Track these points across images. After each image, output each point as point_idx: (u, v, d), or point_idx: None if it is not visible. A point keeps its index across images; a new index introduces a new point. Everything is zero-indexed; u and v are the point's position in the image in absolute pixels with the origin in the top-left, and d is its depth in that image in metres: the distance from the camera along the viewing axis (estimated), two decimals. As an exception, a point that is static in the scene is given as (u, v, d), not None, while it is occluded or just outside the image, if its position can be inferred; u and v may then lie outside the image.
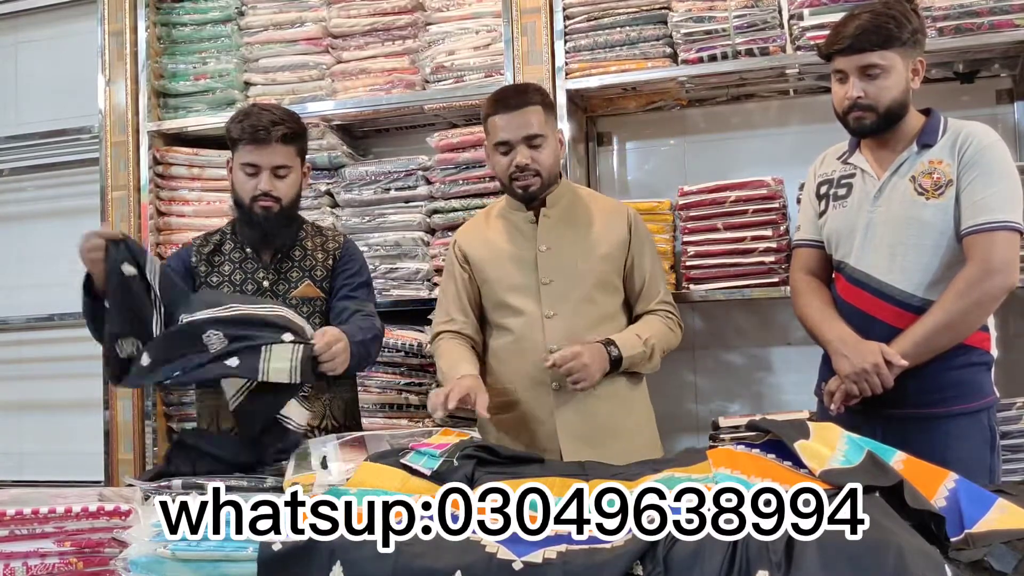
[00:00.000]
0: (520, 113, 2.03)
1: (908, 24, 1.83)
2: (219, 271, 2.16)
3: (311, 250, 2.22)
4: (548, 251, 2.08)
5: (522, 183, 2.05)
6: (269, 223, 2.10)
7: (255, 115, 2.08)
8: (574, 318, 2.04)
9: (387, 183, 2.80)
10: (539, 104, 2.05)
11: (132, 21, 2.98)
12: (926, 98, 2.64)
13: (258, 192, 2.07)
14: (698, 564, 1.08)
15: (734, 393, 2.84)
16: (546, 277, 2.06)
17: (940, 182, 1.84)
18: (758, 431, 1.58)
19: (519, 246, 2.12)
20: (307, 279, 2.19)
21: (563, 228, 2.11)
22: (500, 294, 2.11)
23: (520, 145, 2.03)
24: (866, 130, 1.89)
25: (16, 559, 1.40)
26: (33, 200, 3.49)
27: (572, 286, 2.06)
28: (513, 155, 2.03)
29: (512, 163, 2.03)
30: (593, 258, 2.08)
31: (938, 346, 1.81)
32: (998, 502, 1.24)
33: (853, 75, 1.84)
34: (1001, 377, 2.56)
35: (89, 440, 3.11)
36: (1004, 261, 1.78)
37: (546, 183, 2.07)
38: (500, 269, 2.12)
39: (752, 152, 2.81)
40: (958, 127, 1.88)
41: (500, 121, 2.04)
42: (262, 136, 2.05)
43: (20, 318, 3.37)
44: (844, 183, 1.98)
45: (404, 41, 2.82)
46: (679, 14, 2.53)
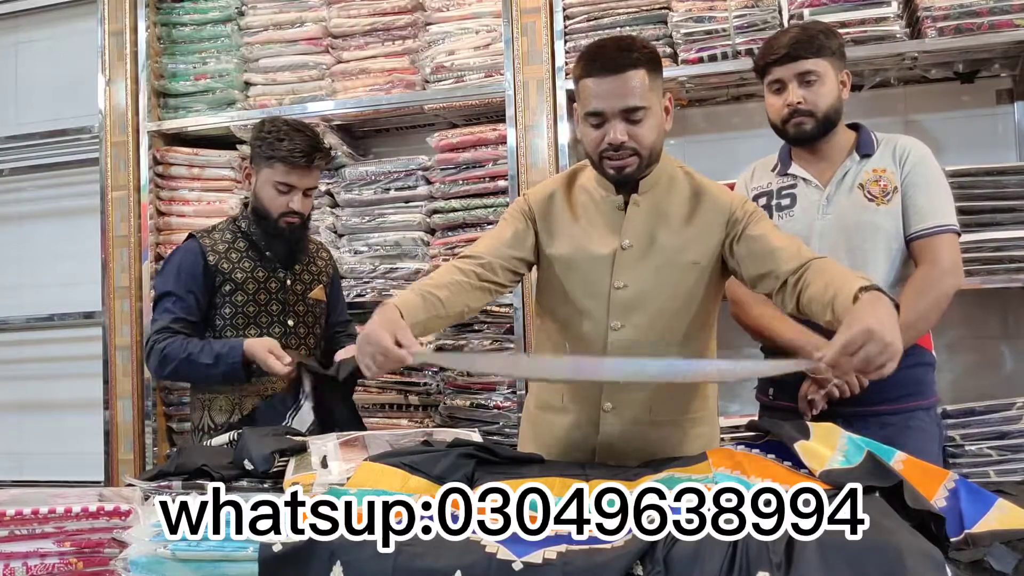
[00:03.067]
0: (620, 79, 1.62)
1: (835, 38, 1.95)
2: (241, 267, 2.20)
3: (312, 254, 2.35)
4: (630, 248, 1.72)
5: (616, 163, 1.67)
6: (293, 236, 2.22)
7: (292, 137, 2.13)
8: (646, 333, 1.71)
9: (387, 183, 2.80)
10: (644, 66, 1.63)
11: (132, 21, 2.98)
12: (927, 98, 2.66)
13: (288, 210, 2.16)
14: (698, 564, 1.08)
15: (734, 393, 2.83)
16: (620, 280, 1.71)
17: (887, 189, 1.92)
18: (758, 431, 1.58)
19: (599, 235, 1.74)
20: (318, 283, 2.30)
21: (654, 221, 1.73)
22: (567, 286, 1.76)
23: (616, 119, 1.64)
24: (805, 136, 1.95)
25: (16, 559, 1.39)
26: (33, 200, 3.49)
27: (650, 296, 1.71)
28: (607, 129, 1.65)
29: (605, 139, 1.65)
30: (680, 264, 1.71)
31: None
32: (998, 502, 1.24)
33: (791, 82, 1.92)
34: (1004, 378, 2.59)
35: (89, 440, 3.11)
36: (952, 262, 1.87)
37: (645, 163, 1.69)
38: (572, 257, 1.75)
39: (752, 152, 2.79)
40: (891, 139, 1.98)
41: (594, 86, 1.64)
42: (304, 162, 2.13)
43: (20, 318, 3.38)
44: (786, 194, 2.02)
45: (404, 41, 2.82)
46: (679, 14, 2.53)
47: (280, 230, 2.19)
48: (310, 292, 2.30)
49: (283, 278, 2.24)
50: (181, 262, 2.18)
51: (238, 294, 2.19)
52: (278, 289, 2.23)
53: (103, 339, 2.97)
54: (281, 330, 2.22)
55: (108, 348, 2.94)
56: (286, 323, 2.23)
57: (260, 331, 2.20)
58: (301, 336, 2.26)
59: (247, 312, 2.19)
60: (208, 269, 2.17)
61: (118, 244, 2.95)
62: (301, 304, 2.27)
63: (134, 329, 2.92)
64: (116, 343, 2.93)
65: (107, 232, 2.97)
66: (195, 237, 2.23)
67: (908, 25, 2.40)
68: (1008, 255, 2.27)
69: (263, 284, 2.22)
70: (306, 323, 2.28)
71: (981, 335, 2.59)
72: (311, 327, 2.30)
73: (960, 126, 2.61)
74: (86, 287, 3.14)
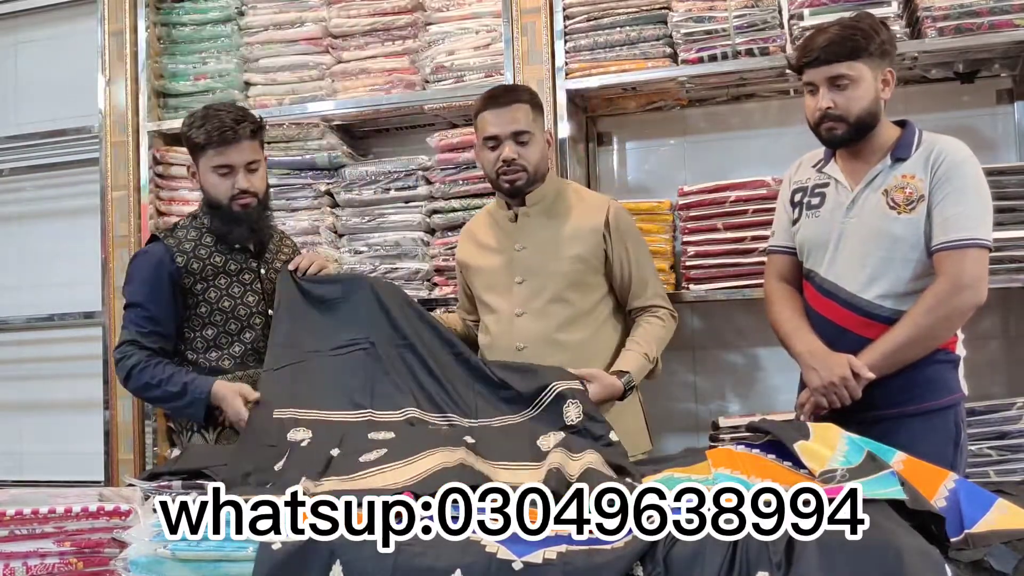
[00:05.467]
0: (508, 110, 2.08)
1: (876, 36, 1.87)
2: (212, 263, 2.15)
3: (278, 243, 2.31)
4: (523, 250, 2.14)
5: (508, 177, 2.09)
6: (251, 218, 2.15)
7: (215, 117, 2.10)
8: (544, 318, 2.09)
9: (387, 183, 2.79)
10: (527, 103, 2.11)
11: (132, 21, 2.98)
12: (927, 98, 2.65)
13: (236, 191, 2.11)
14: (698, 565, 1.08)
15: (734, 393, 2.83)
16: (519, 276, 2.13)
17: (912, 197, 1.86)
18: (758, 432, 1.59)
19: (500, 244, 2.18)
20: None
21: (541, 227, 2.15)
22: (480, 291, 2.21)
23: (507, 140, 2.08)
24: (837, 141, 1.92)
25: (16, 559, 1.40)
26: (33, 200, 3.49)
27: (543, 285, 2.10)
28: (500, 150, 2.08)
29: (499, 158, 2.08)
30: (565, 257, 2.10)
31: (905, 359, 1.84)
32: (998, 502, 1.24)
33: (823, 86, 1.88)
34: (1004, 378, 2.59)
35: (89, 440, 3.11)
36: (974, 277, 1.81)
37: (532, 179, 2.11)
38: (481, 267, 2.21)
39: (752, 152, 2.81)
40: (932, 141, 1.90)
41: (489, 116, 2.10)
42: (230, 136, 2.08)
43: (20, 318, 3.37)
44: (818, 192, 1.99)
45: (404, 41, 2.82)
46: (679, 14, 2.53)
47: (236, 215, 2.12)
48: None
49: (256, 268, 2.20)
50: (146, 269, 2.13)
51: (211, 291, 2.14)
52: (252, 280, 2.19)
53: (103, 339, 2.96)
54: (262, 320, 2.18)
55: (108, 348, 2.94)
56: (265, 313, 2.18)
57: (240, 324, 2.16)
58: None
59: (223, 307, 2.15)
60: (177, 271, 2.12)
61: (118, 244, 2.95)
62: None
63: (134, 329, 2.92)
64: (116, 343, 2.93)
65: (107, 232, 2.96)
66: (159, 239, 2.18)
67: (908, 25, 2.40)
68: (1008, 255, 2.27)
69: (236, 276, 2.17)
70: None
71: (981, 335, 2.59)
72: None
73: (960, 126, 2.61)
74: (86, 287, 3.14)
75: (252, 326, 2.18)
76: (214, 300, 2.15)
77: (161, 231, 2.23)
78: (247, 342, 2.17)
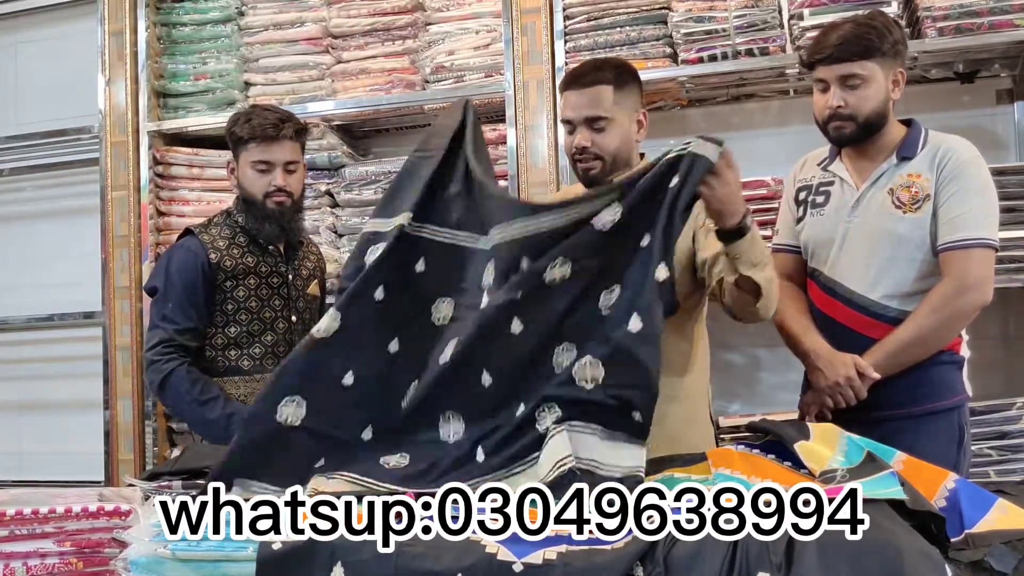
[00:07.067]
0: (586, 92, 1.88)
1: (889, 35, 1.84)
2: (244, 263, 2.18)
3: (305, 249, 2.34)
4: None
5: (583, 165, 1.91)
6: (284, 217, 2.17)
7: (260, 115, 2.14)
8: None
9: (387, 183, 2.79)
10: (611, 83, 1.88)
11: (132, 21, 2.98)
12: (926, 98, 2.65)
13: (272, 188, 2.14)
14: (698, 565, 1.08)
15: (734, 393, 2.83)
16: None
17: (918, 196, 1.84)
18: (758, 432, 1.59)
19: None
20: (313, 278, 2.30)
21: None
22: None
23: (581, 126, 1.89)
24: (845, 140, 1.90)
25: (16, 559, 1.40)
26: (33, 200, 3.49)
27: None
28: (576, 135, 1.91)
29: (573, 144, 1.91)
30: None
31: (910, 359, 1.83)
32: (998, 502, 1.24)
33: (834, 85, 1.85)
34: (1004, 378, 2.58)
35: (89, 440, 3.11)
36: (979, 278, 1.80)
37: (609, 168, 1.89)
38: None
39: (752, 152, 2.80)
40: (938, 140, 1.89)
41: (569, 97, 1.92)
42: (272, 133, 2.11)
43: (20, 318, 3.37)
44: (822, 191, 1.98)
45: (404, 41, 2.82)
46: (679, 14, 2.53)
47: (270, 212, 2.15)
48: (307, 288, 2.28)
49: (284, 272, 2.23)
50: (183, 262, 2.14)
51: (240, 289, 2.17)
52: (280, 284, 2.22)
53: (103, 339, 2.96)
54: (285, 326, 2.21)
55: (108, 348, 2.94)
56: (289, 319, 2.22)
57: (264, 326, 2.18)
58: (300, 333, 2.25)
59: (249, 307, 2.17)
60: (211, 267, 2.14)
61: (118, 244, 2.95)
62: (301, 300, 2.26)
63: (134, 329, 2.92)
64: (116, 343, 2.93)
65: (107, 232, 2.96)
66: (194, 234, 2.20)
67: (908, 25, 2.40)
68: (1008, 255, 2.27)
69: (265, 279, 2.20)
70: (304, 320, 2.26)
71: (981, 335, 2.59)
72: (308, 324, 2.28)
73: (960, 126, 2.60)
74: (86, 287, 3.13)
75: (274, 329, 2.20)
76: (242, 299, 2.17)
77: (196, 227, 2.24)
78: (268, 344, 2.19)
